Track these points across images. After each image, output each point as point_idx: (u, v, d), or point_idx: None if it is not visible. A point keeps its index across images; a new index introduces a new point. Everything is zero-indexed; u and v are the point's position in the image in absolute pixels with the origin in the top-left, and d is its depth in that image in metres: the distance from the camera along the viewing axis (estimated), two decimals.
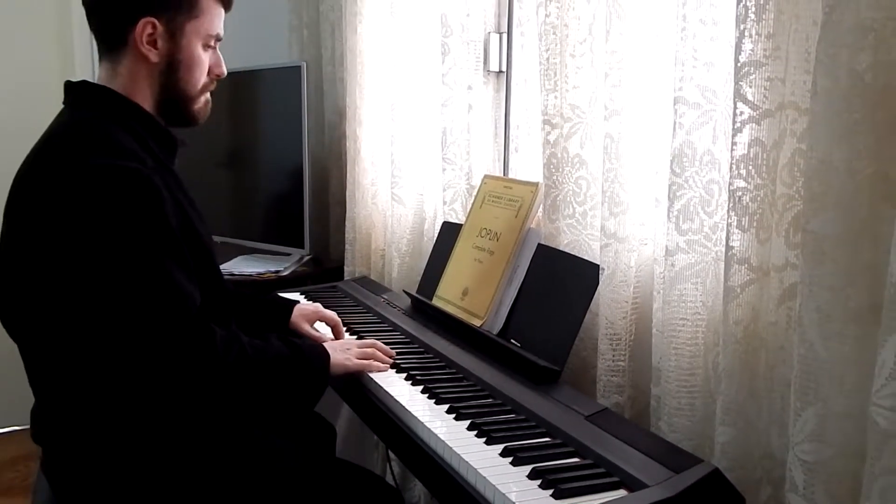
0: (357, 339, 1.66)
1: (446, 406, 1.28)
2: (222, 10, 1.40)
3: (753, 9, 1.05)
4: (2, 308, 1.30)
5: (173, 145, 1.40)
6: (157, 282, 1.19)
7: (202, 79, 1.39)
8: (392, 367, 1.49)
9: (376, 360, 1.46)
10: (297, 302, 1.71)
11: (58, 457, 1.31)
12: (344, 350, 1.45)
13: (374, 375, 1.43)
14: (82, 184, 1.18)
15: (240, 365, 1.24)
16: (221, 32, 1.41)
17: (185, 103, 1.39)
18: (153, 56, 1.32)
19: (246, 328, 1.40)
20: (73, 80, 1.37)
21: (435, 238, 1.95)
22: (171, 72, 1.35)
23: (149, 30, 1.31)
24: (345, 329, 1.69)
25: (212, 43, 1.39)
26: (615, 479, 1.04)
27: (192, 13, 1.34)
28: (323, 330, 1.66)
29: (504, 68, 1.93)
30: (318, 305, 1.72)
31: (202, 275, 1.29)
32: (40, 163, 1.26)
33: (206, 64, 1.39)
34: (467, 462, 1.08)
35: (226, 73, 1.43)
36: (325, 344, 1.46)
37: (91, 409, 1.25)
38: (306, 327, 1.63)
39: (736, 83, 1.07)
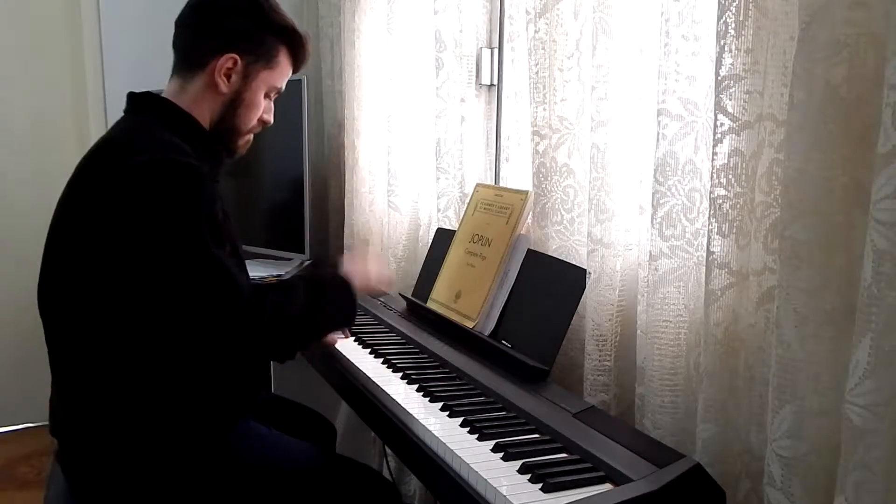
0: (356, 340, 1.69)
1: (440, 404, 1.29)
2: (291, 70, 1.52)
3: (733, 25, 1.05)
4: (45, 295, 1.33)
5: (220, 161, 1.47)
6: (211, 268, 1.23)
7: (254, 121, 1.48)
8: (388, 366, 1.51)
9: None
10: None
11: (74, 449, 1.33)
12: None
13: (371, 375, 1.45)
14: (138, 176, 1.22)
15: (280, 334, 1.30)
16: (283, 88, 1.52)
17: (233, 136, 1.47)
18: (223, 87, 1.41)
19: None
20: (136, 91, 1.43)
21: (429, 244, 1.97)
22: (233, 106, 1.44)
23: (229, 64, 1.41)
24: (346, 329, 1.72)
25: (273, 94, 1.49)
26: (601, 473, 1.05)
27: (269, 64, 1.46)
28: None
29: (495, 82, 1.95)
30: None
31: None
32: (100, 158, 1.30)
33: (261, 109, 1.48)
34: (460, 457, 1.09)
35: (272, 121, 1.52)
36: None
37: (111, 402, 1.28)
38: None
39: (716, 96, 1.07)
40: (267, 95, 1.49)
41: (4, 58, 2.94)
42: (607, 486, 1.03)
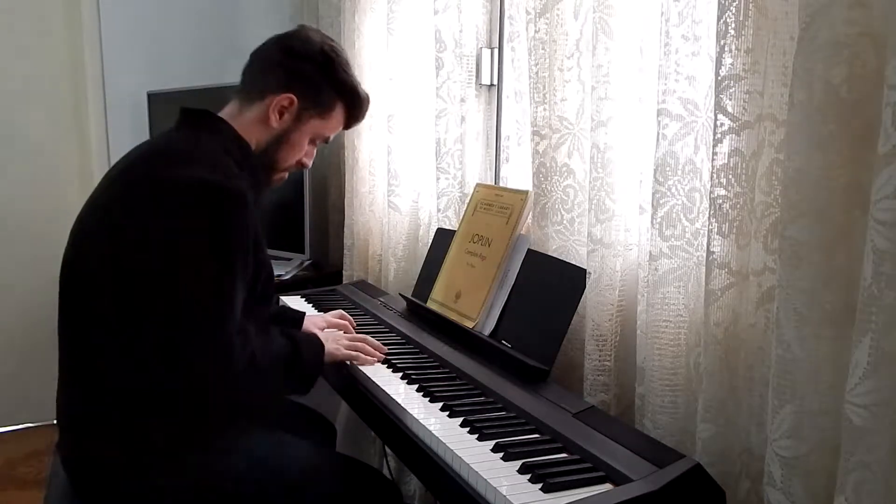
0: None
1: (440, 404, 1.29)
2: (342, 126, 1.58)
3: (733, 25, 1.05)
4: (67, 283, 1.35)
5: (263, 186, 1.50)
6: (220, 298, 1.25)
7: (293, 161, 1.53)
8: (388, 366, 1.51)
9: (365, 352, 1.54)
10: (305, 313, 1.78)
11: (75, 442, 1.34)
12: (335, 340, 1.55)
13: (371, 375, 1.45)
14: (191, 192, 1.26)
15: (251, 364, 1.29)
16: (331, 138, 1.58)
17: (269, 169, 1.51)
18: (274, 122, 1.47)
19: None
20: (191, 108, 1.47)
21: (429, 244, 1.97)
22: (278, 142, 1.49)
23: (285, 102, 1.46)
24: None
25: (318, 141, 1.56)
26: (601, 473, 1.05)
27: (322, 114, 1.51)
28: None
29: (495, 82, 1.96)
30: (326, 315, 1.80)
31: (253, 287, 1.36)
32: (151, 165, 1.33)
33: (303, 151, 1.54)
34: (460, 457, 1.09)
35: (310, 166, 1.60)
36: (318, 334, 1.54)
37: (114, 396, 1.29)
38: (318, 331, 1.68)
39: (716, 96, 1.08)
40: (312, 141, 1.54)
41: (4, 58, 2.94)
42: (607, 486, 1.03)
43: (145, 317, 1.25)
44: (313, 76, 1.49)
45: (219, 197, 1.26)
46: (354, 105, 1.56)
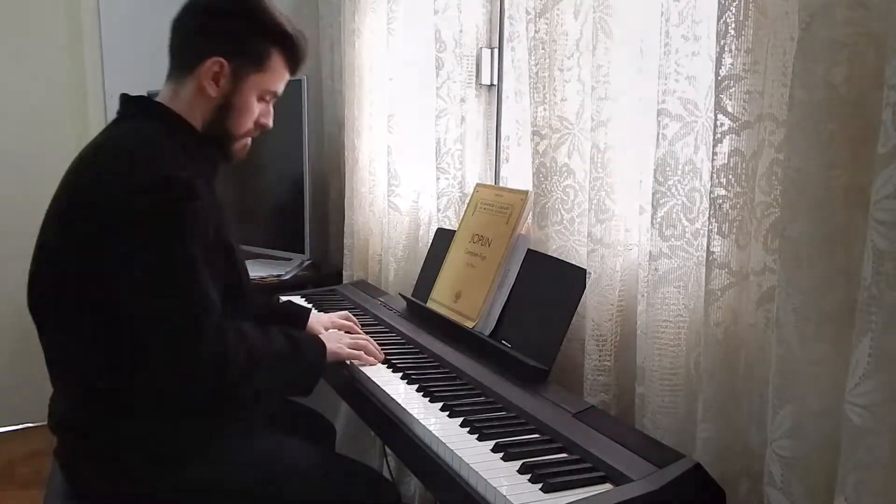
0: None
1: (440, 404, 1.30)
2: (287, 74, 1.47)
3: (733, 25, 1.05)
4: (35, 296, 1.34)
5: (216, 167, 1.45)
6: (188, 286, 1.23)
7: (248, 125, 1.45)
8: (388, 366, 1.51)
9: (367, 351, 1.53)
10: (311, 309, 1.76)
11: (72, 446, 1.34)
12: (337, 340, 1.53)
13: (371, 375, 1.45)
14: (135, 191, 1.22)
15: (247, 363, 1.28)
16: (280, 91, 1.47)
17: (226, 141, 1.44)
18: (212, 91, 1.38)
19: None
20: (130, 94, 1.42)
21: (429, 244, 1.97)
22: (224, 110, 1.41)
23: (216, 68, 1.37)
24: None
25: (267, 97, 1.46)
26: (601, 473, 1.05)
27: (258, 67, 1.41)
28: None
29: (495, 82, 1.96)
30: (331, 315, 1.77)
31: (226, 274, 1.33)
32: (98, 167, 1.31)
33: (255, 113, 1.45)
34: (460, 457, 1.09)
35: (271, 125, 1.49)
36: (320, 335, 1.53)
37: (107, 400, 1.29)
38: (321, 330, 1.68)
39: (716, 96, 1.08)
40: (262, 99, 1.45)
41: (4, 57, 2.94)
42: (607, 486, 1.03)
43: (117, 322, 1.24)
44: (236, 30, 1.38)
45: (166, 191, 1.22)
46: (289, 47, 1.44)
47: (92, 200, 1.25)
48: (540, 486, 1.02)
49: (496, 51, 1.95)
